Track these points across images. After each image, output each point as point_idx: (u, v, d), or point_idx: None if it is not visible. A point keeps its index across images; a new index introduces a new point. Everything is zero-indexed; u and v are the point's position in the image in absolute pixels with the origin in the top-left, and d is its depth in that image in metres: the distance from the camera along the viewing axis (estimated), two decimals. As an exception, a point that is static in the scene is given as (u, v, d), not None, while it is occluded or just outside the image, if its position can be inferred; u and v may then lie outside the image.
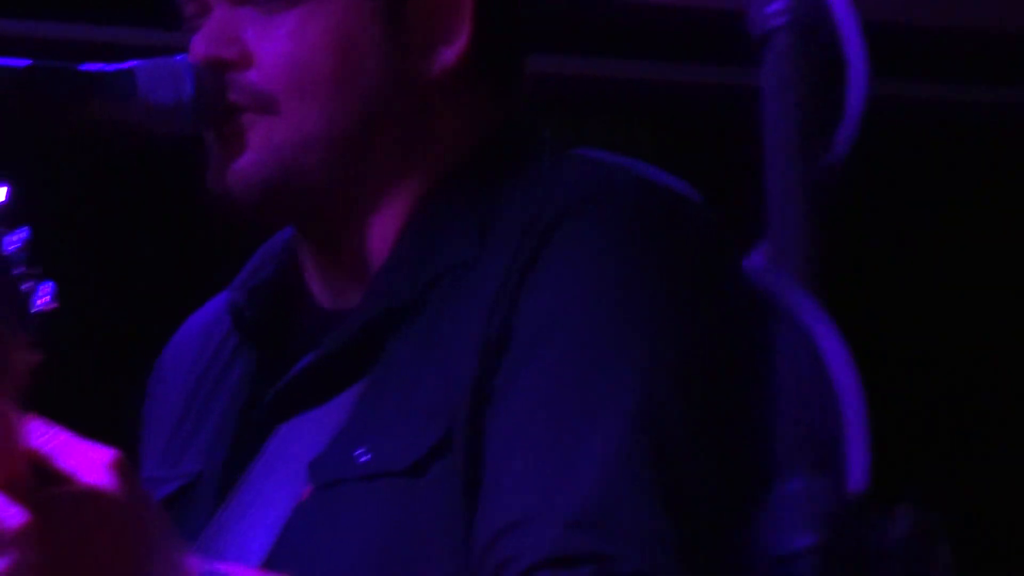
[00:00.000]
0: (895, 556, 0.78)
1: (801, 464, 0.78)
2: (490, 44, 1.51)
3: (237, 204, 1.48)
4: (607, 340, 1.37)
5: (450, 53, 1.48)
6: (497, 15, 1.52)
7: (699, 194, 1.47)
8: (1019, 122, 3.32)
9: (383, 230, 1.49)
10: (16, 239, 1.16)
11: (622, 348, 1.37)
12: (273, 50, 1.45)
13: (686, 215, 1.45)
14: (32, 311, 1.18)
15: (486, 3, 1.50)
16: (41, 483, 1.24)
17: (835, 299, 0.78)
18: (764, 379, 1.34)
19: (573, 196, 1.42)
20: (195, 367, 1.63)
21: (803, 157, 0.81)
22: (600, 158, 1.49)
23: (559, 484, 1.33)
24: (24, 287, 1.17)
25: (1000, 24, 3.09)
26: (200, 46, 1.45)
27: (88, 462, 1.23)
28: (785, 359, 0.80)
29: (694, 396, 1.37)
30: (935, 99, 3.16)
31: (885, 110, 0.82)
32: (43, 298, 1.18)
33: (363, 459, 1.41)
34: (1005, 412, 3.25)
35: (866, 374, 0.77)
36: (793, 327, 0.79)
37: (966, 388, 3.40)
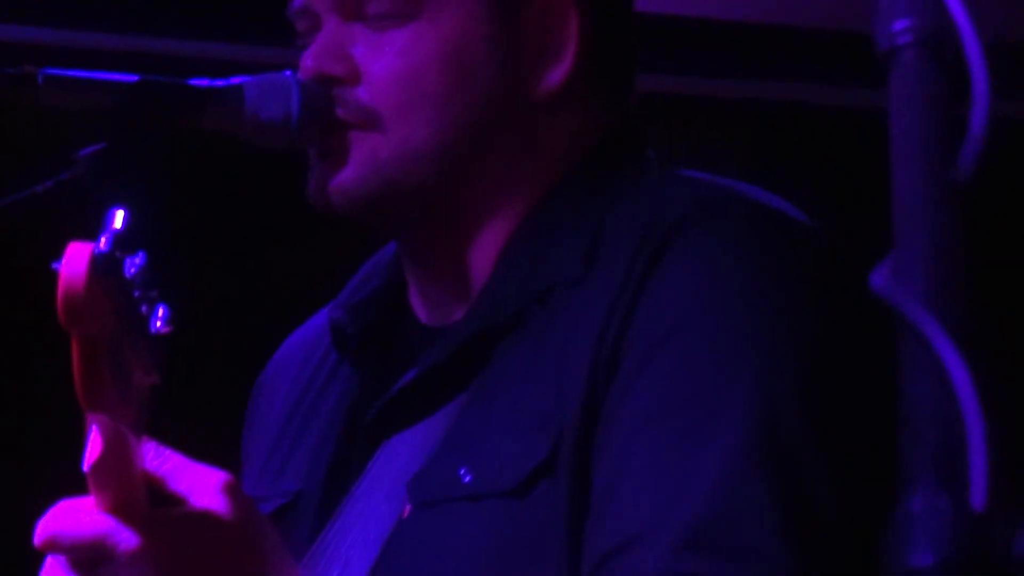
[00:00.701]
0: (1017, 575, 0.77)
1: (925, 482, 0.77)
2: (597, 64, 1.51)
3: (339, 218, 1.48)
4: (723, 355, 1.36)
5: (557, 74, 1.48)
6: (606, 36, 1.52)
7: (806, 213, 1.45)
8: None
9: (487, 245, 1.49)
10: (135, 263, 1.16)
11: (738, 363, 1.35)
12: (383, 67, 1.45)
13: (796, 233, 1.44)
14: (151, 334, 1.18)
15: (595, 25, 1.50)
16: (155, 505, 1.24)
17: (966, 317, 0.77)
18: (887, 396, 1.34)
19: (684, 215, 1.41)
20: (295, 385, 1.63)
21: (930, 173, 0.81)
22: (707, 178, 1.48)
23: (672, 502, 1.31)
24: (143, 310, 1.17)
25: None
26: (309, 61, 1.46)
27: (201, 485, 1.24)
28: (910, 375, 0.79)
29: (813, 413, 1.35)
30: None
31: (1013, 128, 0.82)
32: (160, 321, 1.19)
33: (466, 479, 1.40)
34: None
35: (995, 391, 0.76)
36: (918, 345, 0.78)
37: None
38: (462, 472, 1.40)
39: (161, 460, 1.24)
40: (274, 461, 1.61)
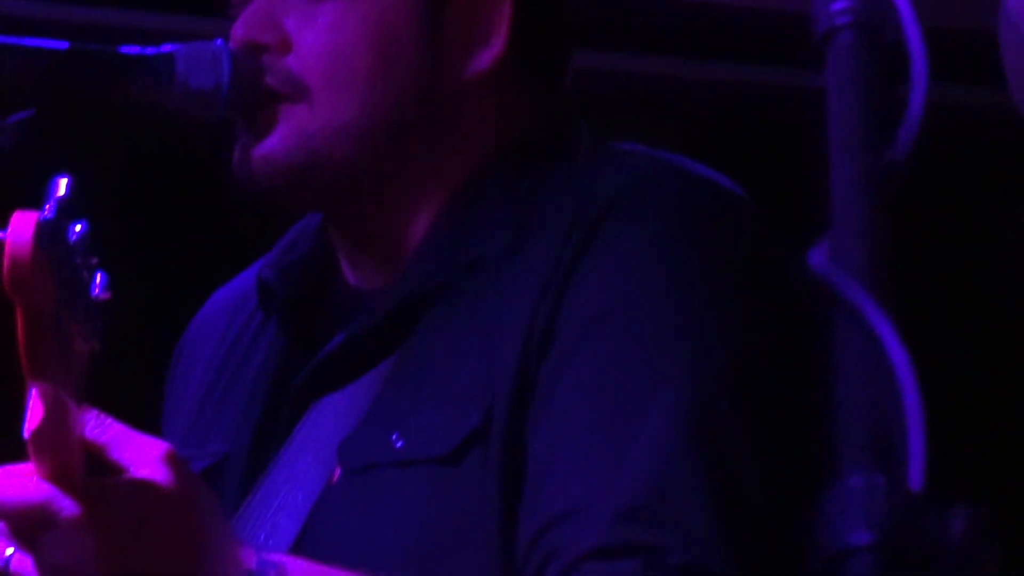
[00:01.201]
0: (950, 555, 0.77)
1: (861, 461, 0.77)
2: (528, 47, 1.51)
3: (260, 189, 1.47)
4: (656, 333, 1.37)
5: (487, 56, 1.48)
6: (537, 19, 1.51)
7: (741, 188, 1.46)
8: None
9: (416, 219, 1.49)
10: (76, 230, 1.16)
11: (671, 340, 1.37)
12: (313, 38, 1.45)
13: (731, 207, 1.45)
14: (91, 300, 1.18)
15: (527, 11, 1.50)
16: (96, 474, 1.24)
17: (898, 297, 0.78)
18: (815, 374, 1.35)
19: (619, 189, 1.42)
20: (221, 344, 1.63)
21: (866, 155, 0.82)
22: (642, 151, 1.49)
23: (607, 476, 1.32)
24: (83, 276, 1.17)
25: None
26: (240, 30, 1.45)
27: (142, 454, 1.23)
28: (846, 356, 0.79)
29: (744, 389, 1.37)
30: (992, 103, 3.18)
31: (946, 112, 0.83)
32: (99, 288, 1.19)
33: (398, 444, 1.40)
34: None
35: (927, 374, 0.76)
36: (854, 324, 0.78)
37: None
38: (394, 438, 1.40)
39: (102, 429, 1.23)
40: (200, 421, 1.60)
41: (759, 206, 1.45)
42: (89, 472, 1.23)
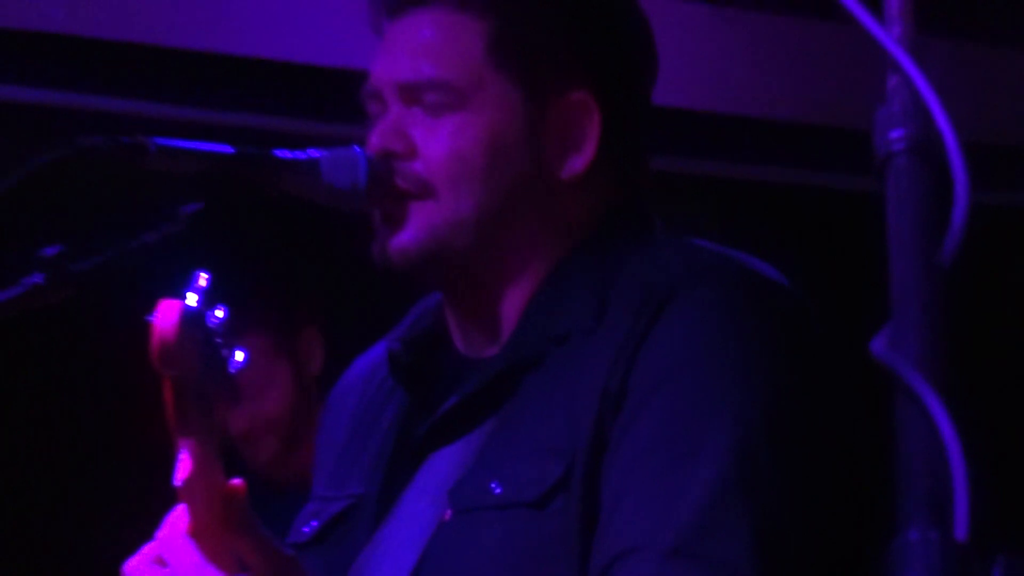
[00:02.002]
0: None
1: (918, 518, 0.79)
2: (613, 153, 1.54)
3: (397, 272, 1.51)
4: (707, 400, 1.40)
5: (579, 161, 1.52)
6: (621, 130, 1.55)
7: (788, 278, 1.50)
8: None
9: (516, 296, 1.53)
10: (216, 316, 1.22)
11: (719, 407, 1.39)
12: (436, 146, 1.49)
13: (776, 295, 1.48)
14: (229, 374, 1.23)
15: (614, 121, 1.53)
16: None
17: (952, 379, 0.79)
18: (850, 434, 1.38)
19: (683, 276, 1.46)
20: (360, 402, 1.67)
21: (919, 258, 0.83)
22: (702, 244, 1.53)
23: (662, 519, 1.35)
24: (223, 355, 1.22)
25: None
26: (376, 139, 1.49)
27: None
28: (904, 429, 0.81)
29: (779, 451, 1.39)
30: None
31: (994, 214, 0.85)
32: (235, 364, 1.24)
33: (496, 491, 1.44)
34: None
35: (974, 445, 0.78)
36: (911, 402, 0.80)
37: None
38: (493, 485, 1.44)
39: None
40: (341, 467, 1.64)
41: (801, 293, 1.49)
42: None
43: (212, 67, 2.65)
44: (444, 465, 1.51)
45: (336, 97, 1.71)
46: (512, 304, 1.54)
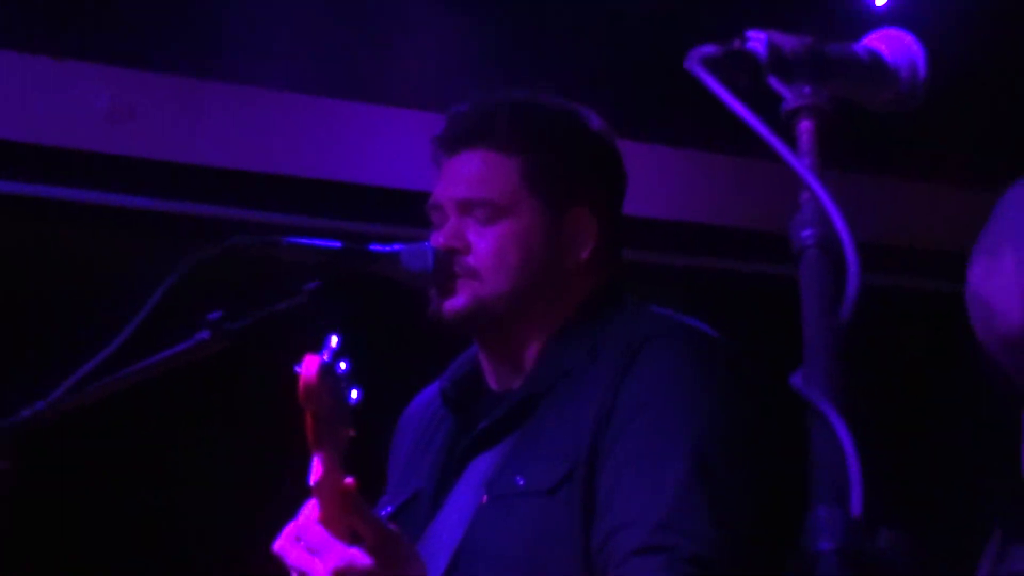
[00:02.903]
0: (878, 558, 0.79)
1: (826, 499, 0.80)
2: (605, 247, 1.55)
3: (445, 326, 1.52)
4: (673, 421, 1.40)
5: (583, 254, 1.52)
6: (611, 233, 1.55)
7: (718, 332, 1.51)
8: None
9: (533, 346, 1.52)
10: (341, 366, 1.22)
11: (682, 426, 1.39)
12: (485, 246, 1.49)
13: (713, 345, 1.49)
14: (350, 406, 1.22)
15: (606, 228, 1.54)
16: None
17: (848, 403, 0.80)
18: (772, 442, 1.37)
19: (649, 333, 1.46)
20: (419, 427, 1.65)
21: (825, 320, 0.83)
22: (661, 310, 1.53)
23: (645, 505, 1.35)
24: (346, 393, 1.21)
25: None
26: (440, 239, 1.50)
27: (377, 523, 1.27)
28: (815, 437, 0.81)
29: (728, 452, 1.39)
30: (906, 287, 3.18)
31: (876, 291, 0.86)
32: (354, 399, 1.23)
33: (520, 483, 1.43)
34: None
35: (865, 448, 0.79)
36: (819, 418, 0.81)
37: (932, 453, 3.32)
38: (518, 479, 1.44)
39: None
40: (408, 471, 1.63)
41: (732, 343, 1.50)
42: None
43: (326, 190, 2.64)
44: (482, 466, 1.50)
45: (404, 208, 1.73)
46: (530, 351, 1.53)
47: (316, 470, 1.20)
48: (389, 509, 1.59)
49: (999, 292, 1.01)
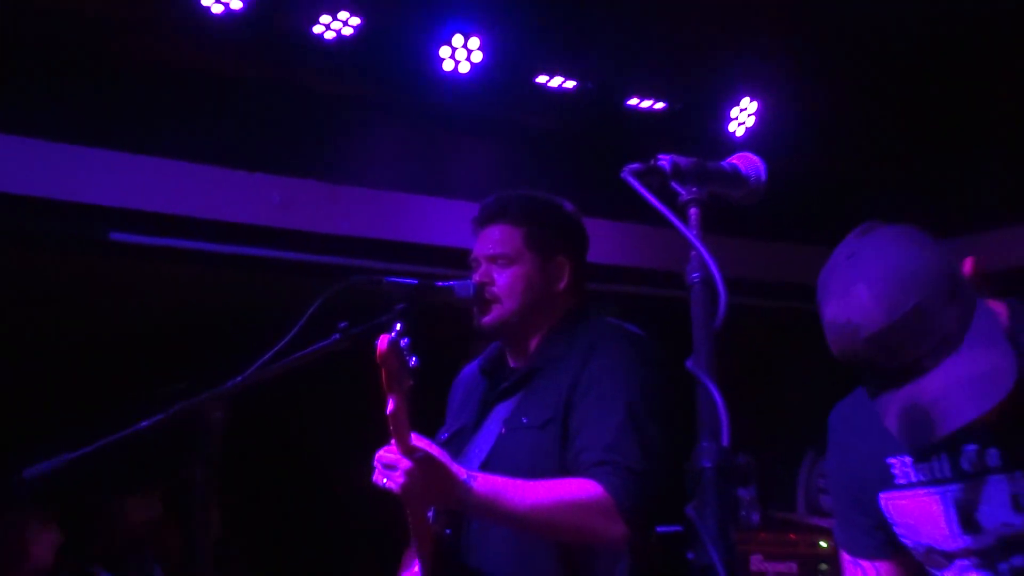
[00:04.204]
0: (738, 471, 0.78)
1: (706, 435, 0.79)
2: (574, 280, 1.50)
3: (484, 334, 1.48)
4: (614, 386, 1.36)
5: (563, 284, 1.48)
6: (578, 272, 1.50)
7: (645, 333, 1.46)
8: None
9: (533, 342, 1.47)
10: (405, 341, 1.15)
11: (619, 390, 1.35)
12: (503, 281, 1.46)
13: (646, 343, 1.44)
14: (410, 367, 1.16)
15: (576, 269, 1.50)
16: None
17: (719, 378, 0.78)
18: (674, 401, 1.36)
19: (602, 334, 1.42)
20: (466, 387, 1.59)
21: (705, 328, 0.83)
22: (615, 321, 1.48)
23: (599, 438, 1.31)
24: (407, 358, 1.15)
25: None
26: (478, 277, 1.46)
27: (424, 442, 1.22)
28: (701, 397, 0.80)
29: (648, 407, 1.35)
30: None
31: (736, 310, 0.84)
32: (413, 362, 1.17)
33: (524, 421, 1.39)
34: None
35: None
36: (703, 386, 0.80)
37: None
38: (523, 419, 1.39)
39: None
40: (458, 414, 1.55)
41: (655, 342, 1.45)
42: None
43: (409, 249, 2.53)
44: (502, 411, 1.46)
45: (456, 260, 1.71)
46: (531, 344, 1.48)
47: (389, 406, 1.16)
48: (444, 436, 1.52)
49: (859, 311, 0.93)
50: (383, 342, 1.11)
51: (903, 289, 0.92)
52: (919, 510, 1.03)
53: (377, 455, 1.23)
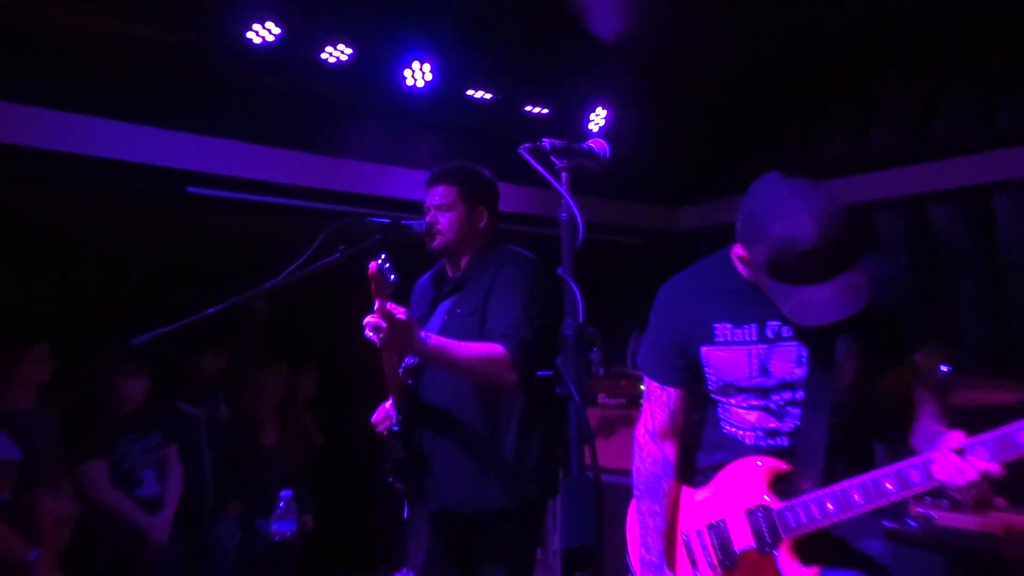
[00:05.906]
0: (588, 336, 0.74)
1: (569, 314, 0.75)
2: (491, 223, 1.40)
3: (433, 254, 1.38)
4: (513, 289, 1.27)
5: (482, 224, 1.38)
6: (494, 217, 1.40)
7: (537, 257, 1.37)
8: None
9: (464, 260, 1.38)
10: (388, 266, 1.06)
11: (516, 292, 1.26)
12: (444, 222, 1.36)
13: (534, 262, 1.36)
14: (391, 282, 1.07)
15: (491, 211, 1.36)
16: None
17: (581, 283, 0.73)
18: (551, 297, 1.25)
19: (508, 257, 1.31)
20: (421, 291, 1.48)
21: (570, 248, 0.78)
22: (516, 248, 1.40)
23: (503, 320, 1.24)
24: (391, 278, 1.06)
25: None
26: (428, 218, 1.36)
27: (401, 311, 1.09)
28: (566, 292, 0.76)
29: (535, 302, 1.26)
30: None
31: (590, 243, 0.78)
32: (393, 279, 1.08)
33: (459, 311, 1.29)
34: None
35: (590, 303, 0.72)
36: (569, 288, 0.75)
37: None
38: (458, 309, 1.30)
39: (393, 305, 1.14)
40: (416, 309, 1.39)
41: (545, 263, 1.33)
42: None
43: (385, 201, 2.34)
44: (445, 305, 1.38)
45: (415, 207, 1.55)
46: (463, 262, 1.39)
47: (376, 304, 1.09)
48: (414, 316, 1.44)
49: (800, 232, 0.82)
50: (373, 266, 1.03)
51: (834, 223, 0.84)
52: (730, 359, 0.98)
53: (365, 320, 1.14)
